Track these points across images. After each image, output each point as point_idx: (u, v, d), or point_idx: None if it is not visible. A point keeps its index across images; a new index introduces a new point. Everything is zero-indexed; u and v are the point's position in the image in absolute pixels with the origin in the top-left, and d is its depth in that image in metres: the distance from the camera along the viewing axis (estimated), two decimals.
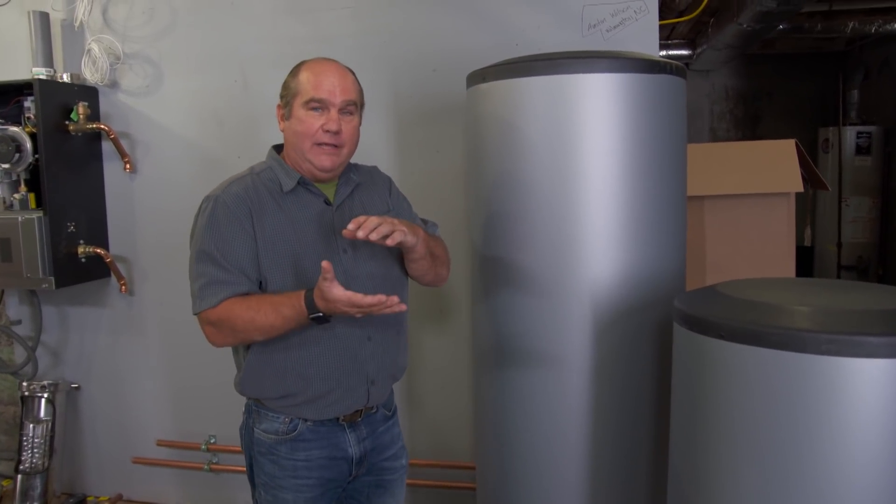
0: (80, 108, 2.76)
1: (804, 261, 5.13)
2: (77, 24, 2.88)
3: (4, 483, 3.27)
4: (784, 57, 6.34)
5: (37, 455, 2.96)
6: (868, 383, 1.20)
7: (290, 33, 2.72)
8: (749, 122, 6.66)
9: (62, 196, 2.76)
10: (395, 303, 1.49)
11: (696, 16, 3.47)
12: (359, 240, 1.51)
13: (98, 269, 2.93)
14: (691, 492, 1.46)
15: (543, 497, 1.93)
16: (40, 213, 2.69)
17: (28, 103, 2.72)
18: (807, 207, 5.88)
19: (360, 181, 1.80)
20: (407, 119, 2.67)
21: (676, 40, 5.46)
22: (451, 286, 2.54)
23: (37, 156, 2.69)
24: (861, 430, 1.21)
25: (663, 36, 5.27)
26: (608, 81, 1.77)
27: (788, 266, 3.11)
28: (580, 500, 1.89)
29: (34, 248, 2.67)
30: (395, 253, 1.77)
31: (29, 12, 2.81)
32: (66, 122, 2.77)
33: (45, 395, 2.97)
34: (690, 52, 5.39)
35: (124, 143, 2.91)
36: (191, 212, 1.71)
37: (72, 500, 3.14)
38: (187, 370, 2.98)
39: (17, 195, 2.73)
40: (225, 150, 2.82)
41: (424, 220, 1.90)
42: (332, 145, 1.66)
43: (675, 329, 1.50)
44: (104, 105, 2.93)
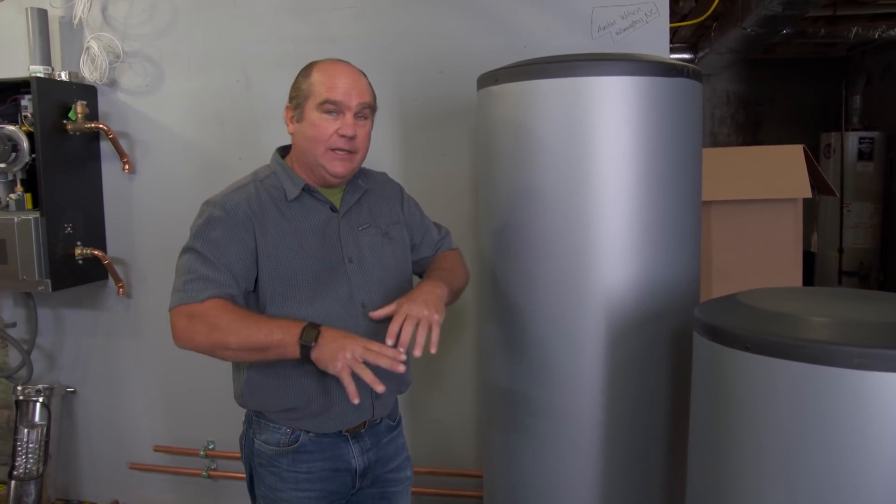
0: (79, 107, 2.71)
1: (806, 267, 5.12)
2: (76, 21, 2.83)
3: None
4: (786, 62, 6.34)
5: (31, 460, 2.90)
6: None
7: (293, 33, 2.68)
8: (750, 127, 6.65)
9: (59, 196, 2.70)
10: (399, 363, 1.47)
11: (702, 20, 3.45)
12: (364, 247, 1.46)
13: (95, 272, 2.88)
14: None
15: None
16: (37, 214, 2.64)
17: (25, 102, 2.66)
18: (813, 213, 5.88)
19: (367, 187, 1.75)
20: (412, 122, 2.63)
21: (678, 44, 5.44)
22: None
23: (34, 155, 2.63)
24: (893, 447, 1.17)
25: None
26: (624, 84, 1.73)
27: (795, 273, 3.08)
28: None
29: (30, 250, 2.62)
30: (402, 259, 1.73)
31: (27, 9, 2.75)
32: (64, 122, 2.72)
33: (41, 399, 2.93)
34: (692, 55, 5.37)
35: (123, 143, 2.86)
36: (191, 214, 1.67)
37: None
38: (186, 374, 2.92)
39: (13, 195, 2.68)
40: (226, 151, 2.78)
41: (438, 226, 1.86)
42: (347, 151, 1.61)
43: (696, 339, 1.46)
44: (103, 104, 2.88)
